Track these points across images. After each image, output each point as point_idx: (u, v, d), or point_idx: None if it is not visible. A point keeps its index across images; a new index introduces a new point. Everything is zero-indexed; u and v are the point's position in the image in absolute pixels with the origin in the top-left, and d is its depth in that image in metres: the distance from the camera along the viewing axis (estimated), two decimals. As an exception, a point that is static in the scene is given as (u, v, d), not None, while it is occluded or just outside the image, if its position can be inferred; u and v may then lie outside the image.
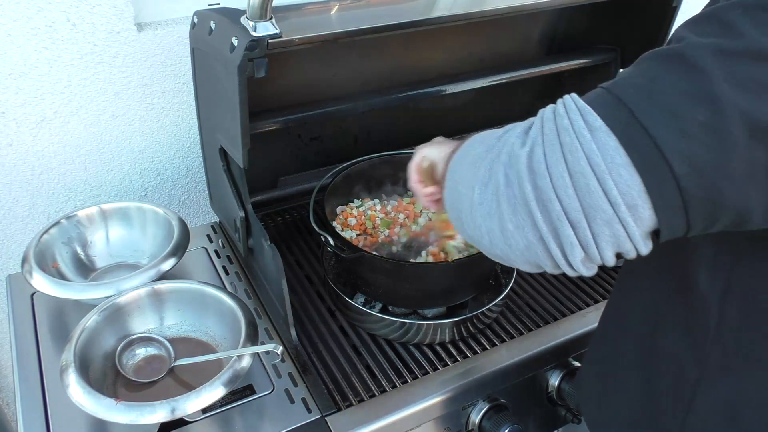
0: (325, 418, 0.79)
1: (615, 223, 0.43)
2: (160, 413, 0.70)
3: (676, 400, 0.59)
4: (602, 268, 0.50)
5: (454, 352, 0.90)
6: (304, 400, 0.82)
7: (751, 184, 0.41)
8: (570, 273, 0.49)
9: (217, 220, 1.18)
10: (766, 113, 0.40)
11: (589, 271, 0.48)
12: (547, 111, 0.48)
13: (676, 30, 0.45)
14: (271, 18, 0.73)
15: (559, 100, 0.47)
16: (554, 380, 0.92)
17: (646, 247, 0.46)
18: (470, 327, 0.92)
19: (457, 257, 0.91)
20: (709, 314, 0.54)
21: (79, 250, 1.01)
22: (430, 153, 0.71)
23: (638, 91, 0.43)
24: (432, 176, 0.72)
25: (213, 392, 0.72)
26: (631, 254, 0.47)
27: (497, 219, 0.47)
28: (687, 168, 0.40)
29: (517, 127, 0.50)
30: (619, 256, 0.48)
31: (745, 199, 0.42)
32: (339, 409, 0.80)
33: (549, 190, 0.44)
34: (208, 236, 1.15)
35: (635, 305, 0.67)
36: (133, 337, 0.85)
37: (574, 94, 0.47)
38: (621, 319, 0.69)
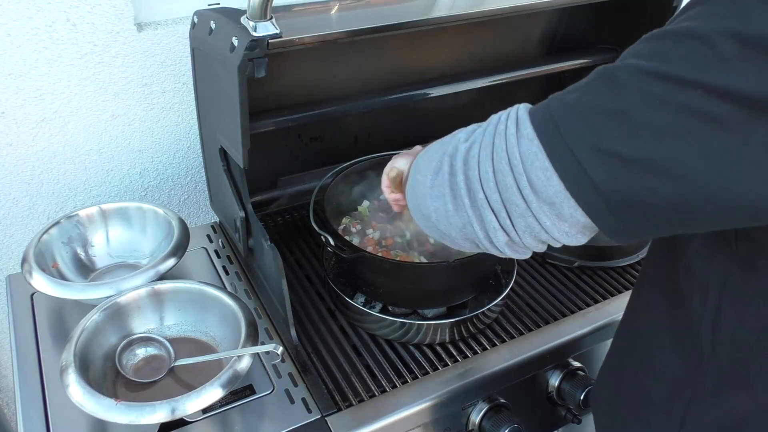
0: (325, 418, 0.79)
1: (528, 216, 0.51)
2: (160, 413, 0.70)
3: (668, 418, 0.60)
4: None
5: (454, 353, 0.90)
6: (304, 400, 0.82)
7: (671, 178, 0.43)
8: (498, 253, 0.57)
9: (217, 220, 1.18)
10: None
11: (516, 253, 0.57)
12: (495, 116, 0.54)
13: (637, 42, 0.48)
14: (271, 18, 0.73)
15: (511, 108, 0.54)
16: (554, 380, 0.92)
17: (575, 240, 0.52)
18: (470, 327, 0.92)
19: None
20: (702, 335, 0.55)
21: (79, 250, 1.01)
22: (399, 164, 0.77)
23: (567, 106, 0.48)
24: (399, 184, 0.78)
25: (213, 392, 0.72)
26: (555, 244, 0.54)
27: (443, 201, 0.56)
28: (603, 175, 0.45)
29: (469, 127, 0.59)
30: (549, 245, 0.55)
31: (676, 197, 0.43)
32: (339, 409, 0.80)
33: (476, 182, 0.52)
34: (208, 236, 1.15)
35: (638, 319, 0.67)
36: (133, 337, 0.85)
37: (524, 105, 0.53)
38: (626, 332, 0.70)
